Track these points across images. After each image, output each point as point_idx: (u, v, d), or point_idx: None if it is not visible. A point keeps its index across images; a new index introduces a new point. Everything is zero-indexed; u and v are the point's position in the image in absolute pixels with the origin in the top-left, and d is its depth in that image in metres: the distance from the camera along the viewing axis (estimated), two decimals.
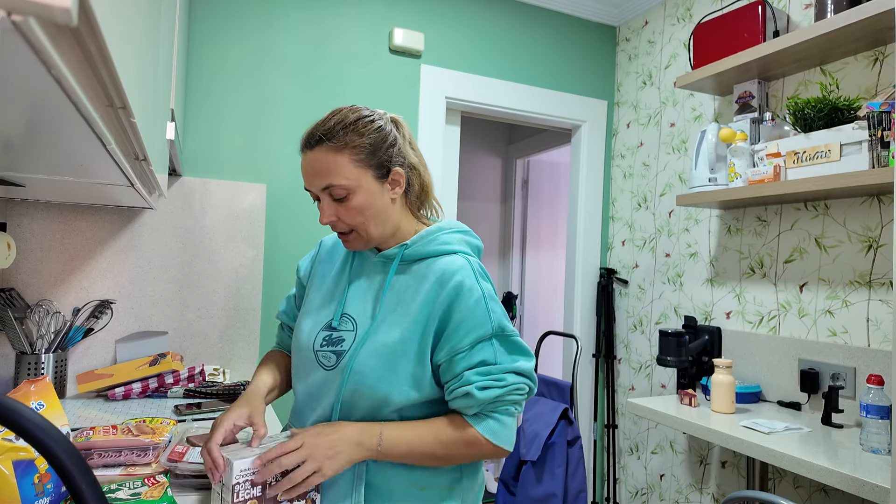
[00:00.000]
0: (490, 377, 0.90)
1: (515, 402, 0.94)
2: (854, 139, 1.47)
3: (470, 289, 0.92)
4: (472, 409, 0.91)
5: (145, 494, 0.94)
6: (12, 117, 0.48)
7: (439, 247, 0.98)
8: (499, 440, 0.92)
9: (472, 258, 0.99)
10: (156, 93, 0.82)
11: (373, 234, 0.96)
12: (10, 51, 0.30)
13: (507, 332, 0.94)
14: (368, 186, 0.93)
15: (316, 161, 0.92)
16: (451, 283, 0.92)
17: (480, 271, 0.97)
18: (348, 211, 0.93)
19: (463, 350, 0.91)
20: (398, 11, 2.27)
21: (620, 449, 2.57)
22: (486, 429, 0.91)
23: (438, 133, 2.34)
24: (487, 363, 0.91)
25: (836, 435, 1.50)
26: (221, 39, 2.00)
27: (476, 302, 0.92)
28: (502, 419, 0.93)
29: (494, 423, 0.92)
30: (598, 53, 2.69)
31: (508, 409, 0.93)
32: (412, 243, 0.98)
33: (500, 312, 0.95)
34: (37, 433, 0.35)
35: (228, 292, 1.98)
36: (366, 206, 0.93)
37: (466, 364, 0.91)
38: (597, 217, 2.68)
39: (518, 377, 0.93)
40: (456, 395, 0.91)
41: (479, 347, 0.91)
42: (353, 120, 0.93)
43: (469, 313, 0.91)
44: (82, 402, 1.60)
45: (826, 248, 1.76)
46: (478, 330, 0.91)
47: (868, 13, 1.47)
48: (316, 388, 0.98)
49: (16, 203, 1.70)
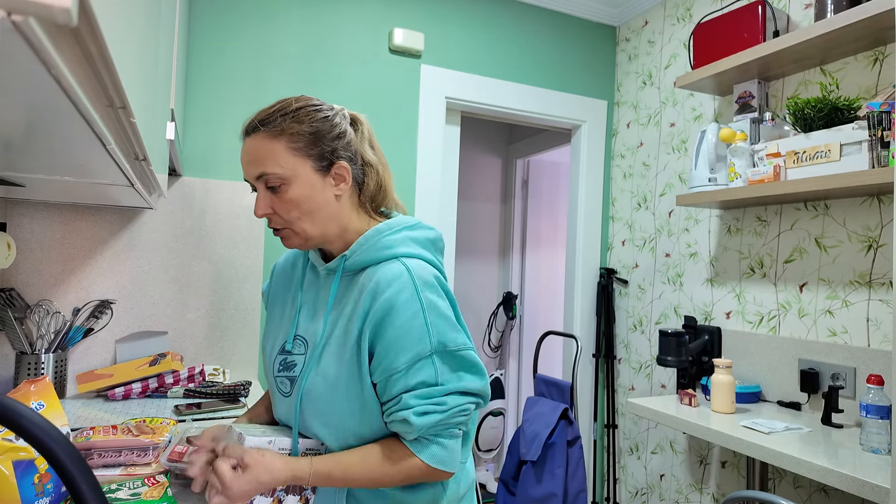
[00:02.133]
0: (430, 401, 0.83)
1: (460, 424, 0.88)
2: (854, 139, 1.47)
3: (405, 303, 0.83)
4: (412, 435, 0.84)
5: (145, 494, 0.94)
6: (12, 117, 0.48)
7: (378, 253, 0.89)
8: (440, 465, 0.86)
9: (415, 261, 0.89)
10: (156, 93, 0.82)
11: (310, 232, 0.89)
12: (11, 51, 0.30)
13: (451, 346, 0.85)
14: (306, 178, 0.86)
15: (252, 148, 0.86)
16: (384, 297, 0.84)
17: (424, 277, 0.86)
18: (283, 203, 0.86)
19: (399, 370, 0.83)
20: (398, 11, 2.27)
21: (620, 449, 2.57)
22: (429, 456, 0.85)
23: (438, 133, 2.34)
24: (428, 384, 0.83)
25: (836, 435, 1.50)
26: (221, 39, 2.00)
27: (412, 316, 0.83)
28: (446, 443, 0.86)
29: (438, 448, 0.85)
30: (598, 53, 2.69)
31: (452, 431, 0.87)
32: (351, 253, 0.90)
33: (445, 325, 0.85)
34: (37, 433, 0.35)
35: (228, 292, 1.97)
36: (302, 199, 0.86)
37: (404, 386, 0.83)
38: (597, 217, 2.68)
39: (462, 397, 0.86)
40: (394, 420, 0.85)
41: (419, 367, 0.83)
42: (295, 108, 0.87)
43: (403, 330, 0.83)
44: (82, 402, 1.60)
45: (826, 248, 1.76)
46: (414, 347, 0.83)
47: (868, 13, 1.47)
48: (283, 417, 0.94)
49: (16, 203, 1.70)
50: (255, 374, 2.01)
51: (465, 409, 0.86)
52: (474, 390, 0.87)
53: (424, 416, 0.83)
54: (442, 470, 0.86)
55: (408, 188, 2.30)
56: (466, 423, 0.90)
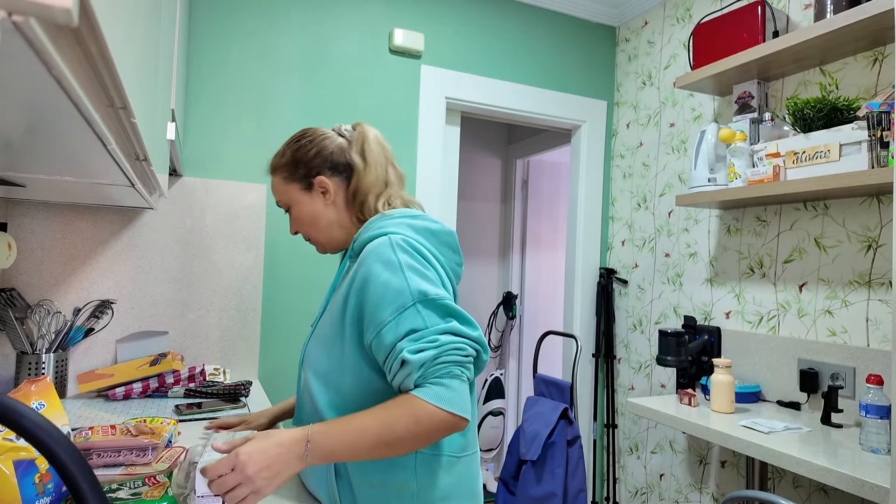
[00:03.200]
0: (422, 341, 0.86)
1: (459, 363, 0.87)
2: (853, 139, 1.48)
3: (384, 264, 0.90)
4: (413, 378, 0.85)
5: (146, 494, 0.94)
6: (13, 117, 0.48)
7: (373, 232, 0.98)
8: (448, 405, 0.84)
9: (399, 235, 0.94)
10: (156, 93, 0.82)
11: (321, 239, 1.08)
12: (11, 51, 0.30)
13: (432, 296, 0.88)
14: (298, 198, 1.06)
15: (273, 184, 1.10)
16: (366, 262, 0.92)
17: (402, 242, 0.92)
18: (296, 222, 1.08)
19: (387, 322, 0.87)
20: (398, 12, 2.27)
21: (620, 448, 2.57)
22: (431, 395, 0.83)
23: (438, 133, 2.34)
24: (417, 329, 0.87)
25: (836, 435, 1.51)
26: (222, 39, 2.00)
27: (392, 274, 0.89)
28: (448, 383, 0.85)
29: (440, 388, 0.84)
30: (598, 54, 2.70)
31: (452, 371, 0.86)
32: (357, 237, 1.02)
33: (423, 280, 0.90)
34: (37, 433, 0.35)
35: (229, 292, 1.98)
36: (302, 217, 1.07)
37: (394, 335, 0.87)
38: (597, 217, 2.68)
39: (454, 337, 0.87)
40: (393, 371, 0.87)
41: (404, 316, 0.87)
42: (282, 148, 1.08)
43: (384, 286, 0.88)
44: (83, 401, 1.60)
45: (825, 248, 1.76)
46: (397, 300, 0.88)
47: (868, 13, 1.47)
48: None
49: (16, 203, 1.70)
50: (255, 374, 2.01)
51: (460, 347, 0.87)
52: (465, 334, 0.89)
53: (419, 353, 0.85)
54: (449, 411, 0.84)
55: (408, 188, 2.30)
56: (467, 365, 0.89)
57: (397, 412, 0.83)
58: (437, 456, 0.95)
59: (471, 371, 0.90)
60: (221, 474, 0.79)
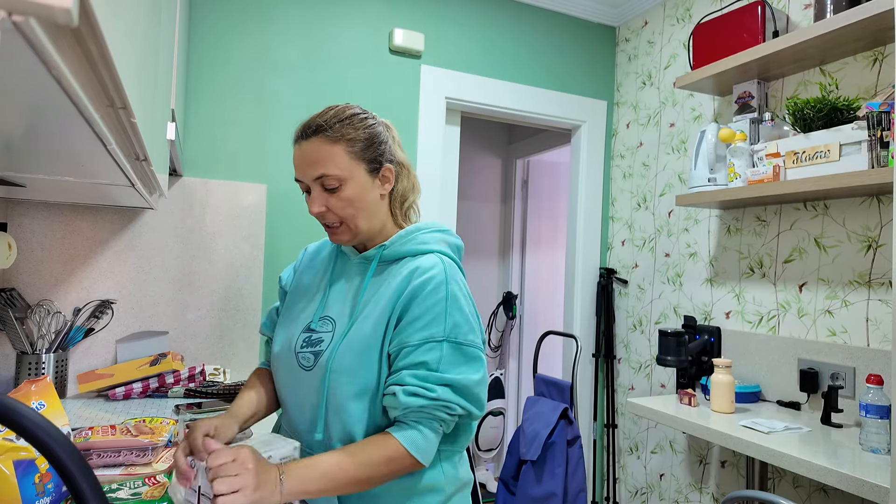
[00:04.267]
0: (423, 384, 0.87)
1: (442, 420, 0.89)
2: (853, 139, 1.48)
3: (435, 288, 0.91)
4: (394, 413, 0.89)
5: (146, 494, 0.94)
6: (13, 117, 0.48)
7: (417, 246, 0.98)
8: (418, 453, 0.87)
9: (448, 259, 0.98)
10: (156, 93, 0.82)
11: (361, 227, 0.98)
12: (11, 51, 0.30)
13: (461, 339, 0.91)
14: (360, 179, 0.96)
15: (311, 151, 0.94)
16: (420, 279, 0.92)
17: (453, 274, 0.95)
18: (339, 202, 0.95)
19: (410, 345, 0.89)
20: (398, 12, 2.27)
21: (620, 448, 2.57)
22: (407, 439, 0.87)
23: (438, 133, 2.34)
24: (428, 367, 0.88)
25: (836, 434, 1.51)
26: (222, 39, 2.00)
27: (437, 302, 0.91)
28: (426, 433, 0.88)
29: (417, 434, 0.88)
30: (598, 54, 2.70)
31: (433, 424, 0.89)
32: (390, 244, 0.99)
33: (460, 321, 0.92)
34: (37, 433, 0.35)
35: (229, 292, 1.98)
36: (356, 198, 0.95)
37: (409, 361, 0.89)
38: (597, 217, 2.68)
39: (453, 395, 0.88)
40: (386, 393, 0.90)
41: (427, 347, 0.89)
42: (349, 115, 0.96)
43: (426, 311, 0.90)
44: (83, 401, 1.60)
45: (825, 247, 1.76)
46: (430, 329, 0.89)
47: (867, 13, 1.47)
48: (299, 390, 0.97)
49: (16, 203, 1.70)
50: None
51: (450, 407, 0.88)
52: (465, 387, 0.90)
53: (412, 396, 0.86)
54: (415, 457, 0.87)
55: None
56: (449, 423, 0.91)
57: (375, 455, 0.86)
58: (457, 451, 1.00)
59: (450, 426, 0.92)
60: (223, 462, 0.77)
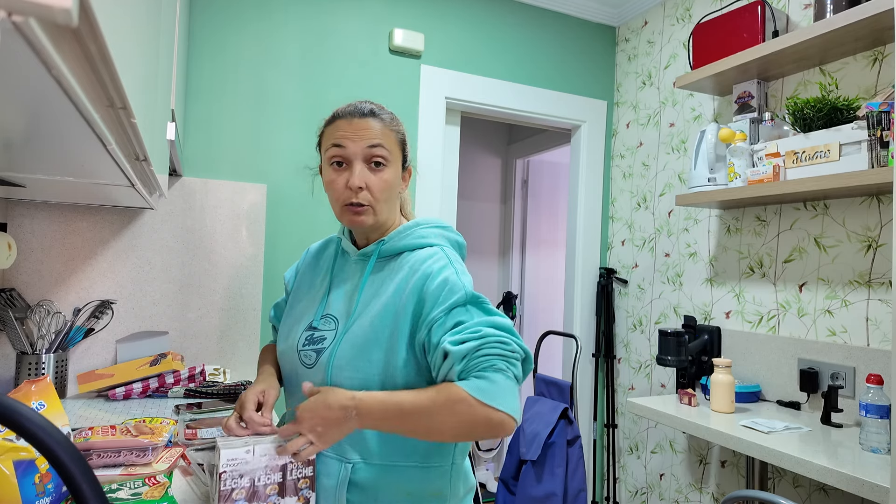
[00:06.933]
0: (465, 332, 0.86)
1: (503, 356, 0.85)
2: (853, 139, 1.48)
3: (441, 268, 0.93)
4: (455, 371, 0.84)
5: (146, 494, 0.94)
6: (13, 117, 0.48)
7: (415, 241, 1.00)
8: (488, 398, 0.81)
9: (449, 249, 1.00)
10: (156, 93, 0.82)
11: (383, 213, 1.00)
12: (11, 51, 0.30)
13: (483, 300, 0.92)
14: (396, 168, 1.01)
15: (368, 126, 0.98)
16: (423, 268, 0.94)
17: (454, 258, 0.98)
18: (379, 182, 0.98)
19: (438, 319, 0.89)
20: (398, 11, 2.27)
21: (620, 448, 2.57)
22: (471, 386, 0.82)
23: (438, 133, 2.34)
24: (462, 323, 0.88)
25: (836, 434, 1.51)
26: (222, 40, 2.00)
27: (447, 278, 0.92)
28: (491, 376, 0.83)
29: (481, 381, 0.82)
30: (598, 53, 2.70)
31: (495, 364, 0.83)
32: (389, 239, 1.01)
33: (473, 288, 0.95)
34: (37, 433, 0.35)
35: (229, 292, 1.98)
36: (392, 184, 1.00)
37: (443, 331, 0.88)
38: (596, 217, 2.68)
39: (498, 331, 0.87)
40: (437, 365, 0.87)
41: (454, 314, 0.89)
42: (390, 112, 1.04)
43: (441, 287, 0.91)
44: (83, 402, 1.60)
45: (825, 247, 1.76)
46: (451, 297, 0.90)
47: (867, 13, 1.47)
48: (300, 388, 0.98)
49: (16, 203, 1.70)
50: (255, 374, 2.01)
51: (503, 341, 0.86)
52: (507, 328, 0.89)
53: (461, 344, 0.85)
54: (489, 405, 0.81)
55: (408, 188, 2.30)
56: (513, 361, 0.86)
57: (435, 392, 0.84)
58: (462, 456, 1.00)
59: (518, 369, 0.87)
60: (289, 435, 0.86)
